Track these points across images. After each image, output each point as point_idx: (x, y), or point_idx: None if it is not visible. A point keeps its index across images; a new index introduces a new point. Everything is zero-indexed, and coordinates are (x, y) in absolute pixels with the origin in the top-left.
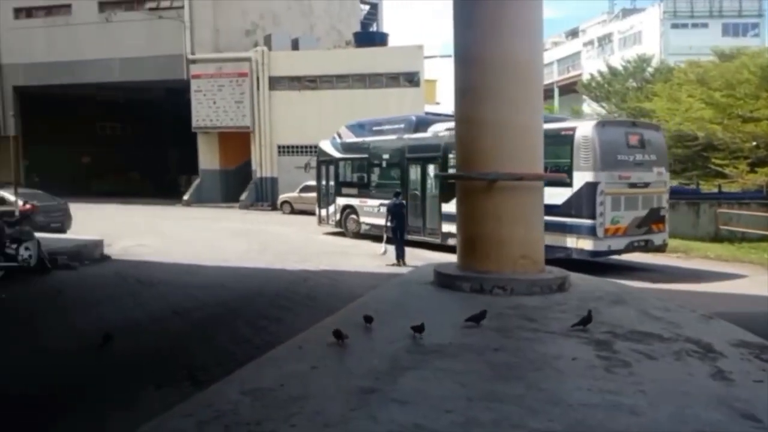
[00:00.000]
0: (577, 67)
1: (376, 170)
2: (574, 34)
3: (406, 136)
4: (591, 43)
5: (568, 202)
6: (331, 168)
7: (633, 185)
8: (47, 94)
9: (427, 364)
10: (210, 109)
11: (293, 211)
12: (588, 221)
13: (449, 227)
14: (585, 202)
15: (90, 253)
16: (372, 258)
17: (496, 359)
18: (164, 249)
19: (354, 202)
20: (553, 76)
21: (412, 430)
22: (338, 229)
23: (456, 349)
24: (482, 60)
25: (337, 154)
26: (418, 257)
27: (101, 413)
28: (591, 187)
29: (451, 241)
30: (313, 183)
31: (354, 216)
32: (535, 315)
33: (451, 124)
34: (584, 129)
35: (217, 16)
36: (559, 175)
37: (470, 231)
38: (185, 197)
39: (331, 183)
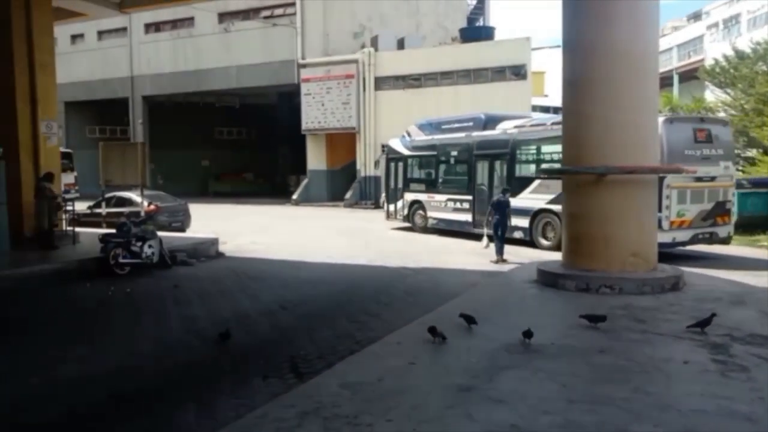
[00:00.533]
0: (699, 52)
1: (444, 167)
2: (696, 17)
3: (474, 133)
4: (715, 25)
5: None
6: (400, 165)
7: (699, 179)
8: (171, 102)
9: (526, 364)
10: (318, 111)
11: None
12: (657, 213)
13: (516, 221)
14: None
15: (206, 251)
16: (473, 255)
17: (600, 361)
18: (274, 246)
19: (422, 197)
20: (672, 63)
21: (509, 431)
22: (406, 224)
23: (558, 349)
24: (592, 50)
25: (406, 152)
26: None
27: (212, 401)
28: (658, 181)
29: (516, 234)
30: None
31: (421, 211)
32: (645, 316)
33: (519, 122)
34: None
35: (327, 21)
36: (676, 167)
37: (576, 227)
38: (294, 197)
39: (400, 179)
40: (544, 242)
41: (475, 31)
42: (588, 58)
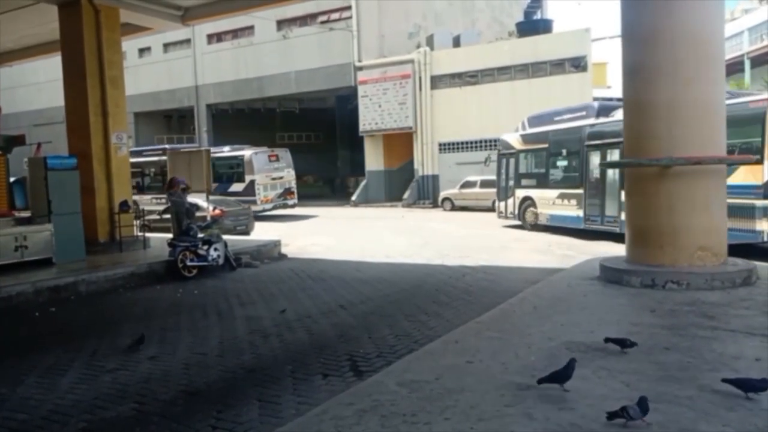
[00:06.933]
0: None
1: (555, 160)
2: None
3: (587, 123)
4: None
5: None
6: (512, 161)
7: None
8: (234, 109)
9: (587, 362)
10: (375, 112)
11: (454, 208)
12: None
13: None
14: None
15: (269, 252)
16: (535, 253)
17: (666, 359)
18: (334, 247)
19: (533, 193)
20: (743, 47)
21: (569, 430)
22: (517, 222)
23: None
24: (652, 36)
25: (517, 146)
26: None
27: (275, 398)
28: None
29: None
30: (472, 179)
31: (533, 208)
32: (714, 311)
33: None
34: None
35: (382, 23)
36: (746, 156)
37: (641, 222)
38: (353, 198)
39: (511, 175)
40: None
41: (532, 25)
42: (650, 45)
